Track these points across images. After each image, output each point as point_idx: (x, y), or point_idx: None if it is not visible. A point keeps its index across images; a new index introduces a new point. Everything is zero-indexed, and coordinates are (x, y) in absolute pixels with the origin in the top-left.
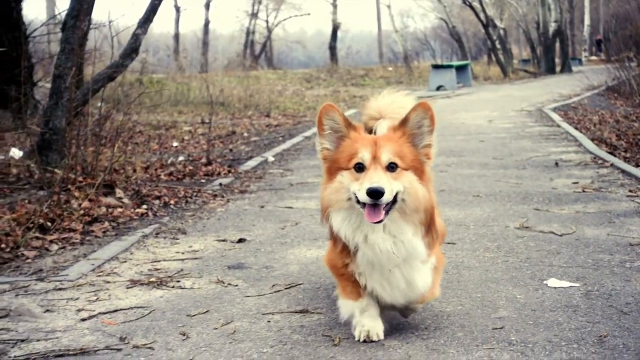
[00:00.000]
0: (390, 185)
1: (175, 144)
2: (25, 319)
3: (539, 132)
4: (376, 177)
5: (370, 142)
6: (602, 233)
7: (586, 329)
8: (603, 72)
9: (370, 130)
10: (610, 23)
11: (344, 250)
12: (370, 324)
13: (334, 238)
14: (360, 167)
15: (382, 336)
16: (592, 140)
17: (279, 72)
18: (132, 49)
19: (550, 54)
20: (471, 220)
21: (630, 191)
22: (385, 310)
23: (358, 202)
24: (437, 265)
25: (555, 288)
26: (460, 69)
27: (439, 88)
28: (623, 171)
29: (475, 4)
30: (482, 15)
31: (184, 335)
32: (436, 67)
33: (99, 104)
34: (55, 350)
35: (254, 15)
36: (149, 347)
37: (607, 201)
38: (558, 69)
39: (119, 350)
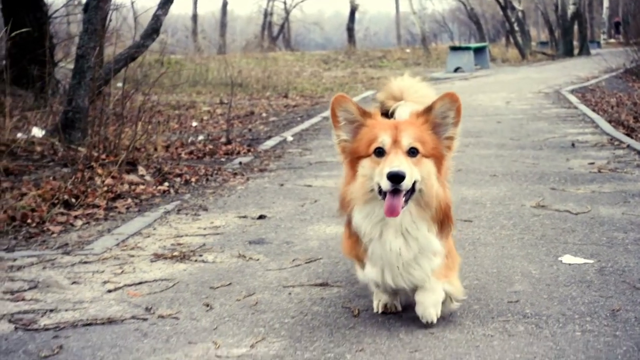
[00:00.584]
0: (411, 170)
1: (194, 123)
2: (53, 290)
3: (556, 114)
4: (397, 161)
5: (391, 126)
6: (617, 212)
7: (599, 303)
8: (621, 54)
9: (386, 113)
10: (629, 6)
11: (358, 240)
12: (387, 298)
13: (349, 228)
14: (380, 152)
15: (399, 308)
16: (609, 122)
17: (297, 53)
18: (153, 30)
19: (569, 36)
20: (488, 199)
21: None
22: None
23: (380, 192)
24: (450, 259)
25: (569, 264)
26: (478, 51)
27: (456, 70)
28: (639, 152)
29: None
30: None
31: (207, 306)
32: (454, 49)
33: (118, 84)
34: (83, 319)
35: None
36: (174, 317)
37: (622, 181)
38: (576, 51)
39: (145, 319)
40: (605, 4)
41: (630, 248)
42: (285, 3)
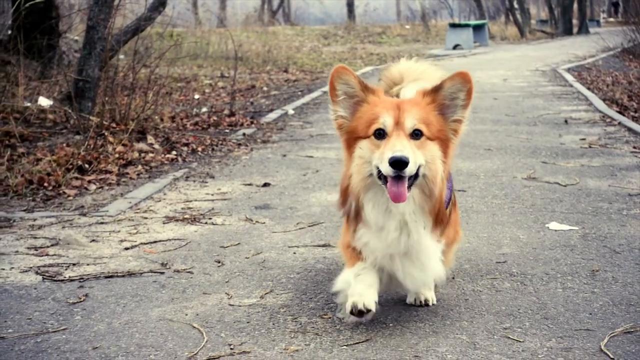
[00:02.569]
0: (414, 155)
1: (197, 96)
2: (73, 247)
3: (551, 92)
4: (399, 145)
5: (393, 105)
6: (603, 184)
7: (580, 265)
8: (620, 34)
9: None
10: None
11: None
12: (362, 291)
13: (349, 218)
14: (380, 134)
15: (372, 308)
16: (604, 100)
17: (297, 28)
18: (160, 2)
19: (568, 15)
20: (482, 171)
21: (634, 147)
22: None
23: (380, 177)
24: (448, 243)
25: (555, 230)
26: (478, 28)
27: (455, 47)
28: (629, 129)
29: None
30: None
31: (218, 262)
32: (453, 26)
33: (120, 56)
34: (105, 272)
35: None
36: (189, 272)
37: (611, 156)
38: (575, 30)
39: (162, 273)
40: None
41: (614, 217)
42: None
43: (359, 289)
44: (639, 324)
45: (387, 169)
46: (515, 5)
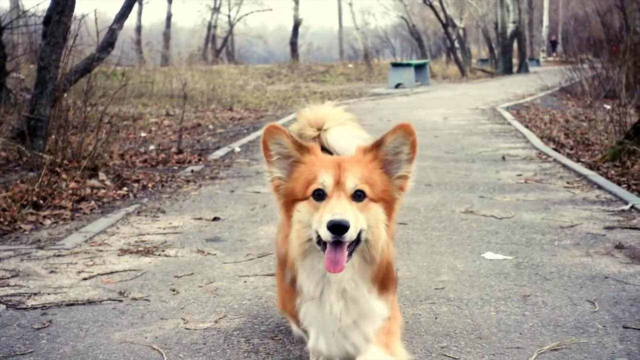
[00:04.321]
0: (356, 218)
1: (143, 134)
2: (33, 278)
3: (490, 129)
4: (339, 208)
5: (333, 164)
6: (537, 217)
7: (513, 290)
8: (558, 73)
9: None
10: (568, 25)
11: (294, 295)
12: None
13: (284, 282)
14: (320, 195)
15: None
16: (542, 138)
17: (241, 66)
18: (109, 43)
19: (508, 54)
20: (422, 205)
21: (567, 183)
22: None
23: (319, 242)
24: (392, 322)
25: (490, 260)
26: (419, 68)
27: (397, 86)
28: (564, 165)
29: (436, 3)
30: (441, 15)
31: (174, 291)
32: (395, 65)
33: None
34: (66, 300)
35: (216, 9)
36: (146, 299)
37: (546, 191)
38: (515, 69)
39: (120, 301)
40: (545, 22)
41: (546, 247)
42: (229, 16)
43: None
44: (565, 342)
45: (325, 234)
46: (456, 45)
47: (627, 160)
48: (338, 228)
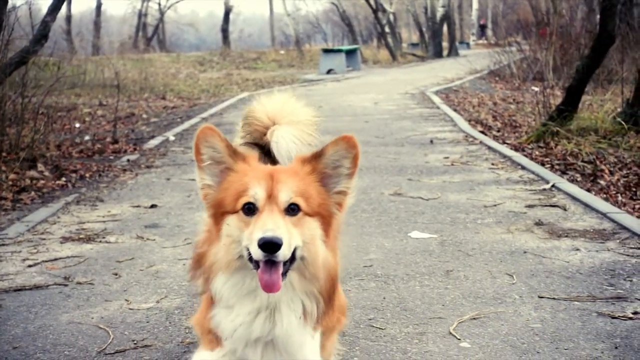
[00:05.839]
0: (289, 235)
1: (77, 125)
2: None
3: (419, 114)
4: (271, 223)
5: (265, 175)
6: (462, 198)
7: (437, 266)
8: (487, 56)
9: (263, 147)
10: (497, 8)
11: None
12: None
13: (210, 297)
14: (250, 209)
15: None
16: (469, 121)
17: (172, 55)
18: (42, 35)
19: (438, 38)
20: (352, 189)
21: (492, 164)
22: None
23: (251, 259)
24: (327, 330)
25: (416, 238)
26: (350, 53)
27: (329, 72)
28: (489, 147)
29: None
30: (371, 0)
31: (116, 275)
32: (326, 51)
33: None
34: (13, 286)
35: None
36: (90, 283)
37: (471, 172)
38: (445, 52)
39: (66, 285)
40: (475, 5)
41: (469, 225)
42: (159, 4)
43: None
44: (483, 312)
45: (256, 252)
46: (387, 30)
47: (551, 141)
48: (270, 246)
